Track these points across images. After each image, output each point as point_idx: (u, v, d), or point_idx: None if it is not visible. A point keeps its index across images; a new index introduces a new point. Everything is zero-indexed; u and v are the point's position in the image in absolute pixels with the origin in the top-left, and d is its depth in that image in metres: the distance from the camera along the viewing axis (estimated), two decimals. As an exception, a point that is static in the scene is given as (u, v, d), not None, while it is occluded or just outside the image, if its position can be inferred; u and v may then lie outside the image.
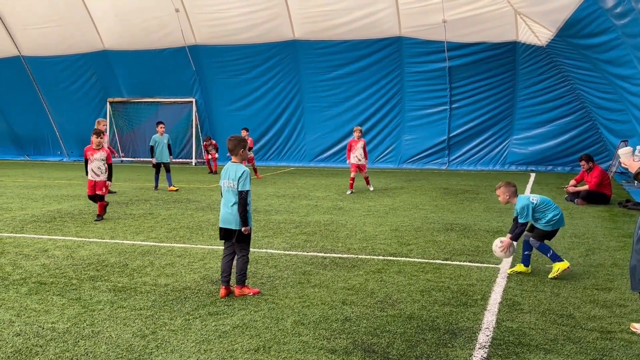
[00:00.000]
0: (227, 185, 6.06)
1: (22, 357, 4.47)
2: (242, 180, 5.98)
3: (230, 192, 6.04)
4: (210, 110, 23.57)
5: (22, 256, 7.73)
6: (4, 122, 26.00)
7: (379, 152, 22.09)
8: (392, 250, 8.15)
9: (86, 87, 24.45)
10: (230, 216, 6.03)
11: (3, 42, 23.84)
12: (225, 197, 6.11)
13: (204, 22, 21.54)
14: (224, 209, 6.09)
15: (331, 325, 5.19)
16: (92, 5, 22.03)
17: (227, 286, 6.05)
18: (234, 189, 6.01)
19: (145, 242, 8.63)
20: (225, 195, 6.10)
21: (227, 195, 6.08)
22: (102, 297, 5.97)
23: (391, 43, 20.68)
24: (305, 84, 22.12)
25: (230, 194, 6.04)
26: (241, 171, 6.00)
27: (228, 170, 6.09)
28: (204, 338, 4.88)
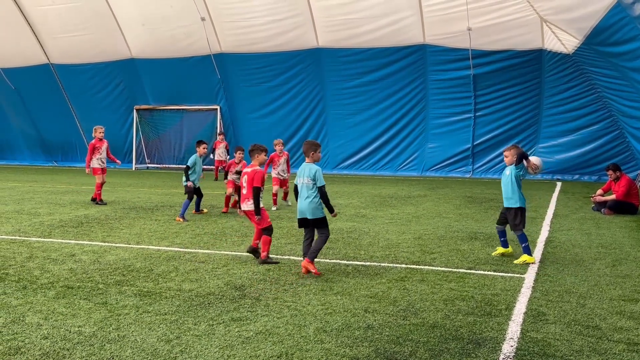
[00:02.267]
0: (302, 182, 7.21)
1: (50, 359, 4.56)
2: (318, 177, 7.13)
3: (305, 188, 7.18)
4: (234, 117, 23.78)
5: (49, 260, 7.87)
6: (33, 129, 26.56)
7: (402, 160, 22.04)
8: (415, 258, 8.12)
9: (113, 94, 24.88)
10: (305, 208, 7.18)
11: (33, 50, 24.40)
12: (301, 192, 7.25)
13: (230, 30, 21.79)
14: (300, 203, 7.25)
15: (353, 332, 5.19)
16: (120, 15, 22.45)
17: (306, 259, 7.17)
18: (308, 185, 7.15)
19: (170, 248, 8.73)
20: (302, 191, 7.24)
21: (302, 190, 7.23)
22: (128, 301, 6.06)
23: (415, 51, 20.66)
24: (329, 91, 22.20)
25: (305, 189, 7.18)
26: (315, 170, 7.16)
27: (303, 170, 7.23)
28: (228, 343, 4.92)
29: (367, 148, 22.30)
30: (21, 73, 25.22)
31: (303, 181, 7.20)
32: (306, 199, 7.16)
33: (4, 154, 27.59)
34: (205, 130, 24.14)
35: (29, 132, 26.73)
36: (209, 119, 24.13)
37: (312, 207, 7.15)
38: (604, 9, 14.84)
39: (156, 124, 24.83)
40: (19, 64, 25.01)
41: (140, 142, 25.10)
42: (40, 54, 24.53)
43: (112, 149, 26.80)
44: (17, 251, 8.41)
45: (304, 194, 7.18)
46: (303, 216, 7.24)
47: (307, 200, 7.15)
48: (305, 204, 7.17)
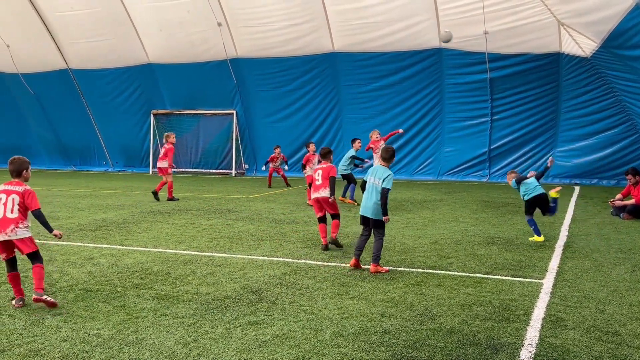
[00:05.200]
0: (372, 182, 7.59)
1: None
2: (388, 180, 7.49)
3: (373, 187, 7.56)
4: (250, 121, 23.87)
5: (68, 264, 7.97)
6: (52, 134, 26.88)
7: (418, 164, 21.95)
8: (431, 263, 8.09)
9: (131, 99, 25.11)
10: (369, 206, 7.57)
11: (52, 56, 24.72)
12: (368, 190, 7.61)
13: (246, 35, 21.90)
14: (365, 200, 7.63)
15: (370, 337, 5.19)
16: (138, 20, 22.67)
17: (358, 259, 7.65)
18: (377, 186, 7.51)
19: (187, 252, 8.78)
20: (369, 189, 7.61)
21: (370, 189, 7.59)
22: (146, 304, 6.11)
23: (431, 55, 20.60)
24: (344, 95, 22.21)
25: (372, 188, 7.56)
26: (387, 173, 7.55)
27: (377, 170, 7.65)
28: (245, 347, 4.94)
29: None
30: (40, 78, 25.55)
31: (373, 181, 7.60)
32: (368, 198, 7.60)
33: None
34: (221, 135, 24.26)
35: (48, 137, 27.05)
36: (224, 124, 24.25)
37: (377, 208, 7.52)
38: (622, 12, 14.67)
39: (173, 128, 24.94)
40: (38, 70, 25.34)
41: (157, 146, 25.27)
42: (59, 59, 24.84)
43: (129, 153, 27.04)
44: (37, 254, 8.52)
45: (372, 194, 7.56)
46: (365, 214, 7.65)
47: (372, 200, 7.55)
48: (371, 203, 7.56)
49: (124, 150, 26.06)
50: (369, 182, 7.66)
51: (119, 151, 26.13)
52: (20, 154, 15.96)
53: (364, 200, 7.67)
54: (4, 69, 25.91)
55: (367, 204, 7.62)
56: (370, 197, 7.57)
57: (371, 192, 7.58)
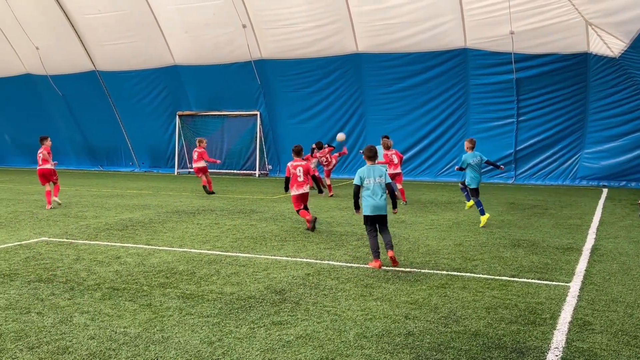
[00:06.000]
0: (377, 182, 7.90)
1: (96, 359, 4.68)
2: (386, 175, 7.98)
3: (378, 186, 7.89)
4: (274, 122, 23.98)
5: (96, 262, 8.09)
6: (80, 134, 27.34)
7: (442, 165, 21.81)
8: (456, 265, 8.03)
9: (157, 100, 25.41)
10: (381, 206, 7.87)
11: (80, 58, 25.15)
12: (374, 191, 7.89)
13: (270, 37, 22.01)
14: (375, 201, 7.86)
15: (394, 339, 5.17)
16: (164, 22, 22.94)
17: (379, 258, 7.88)
18: (381, 184, 7.89)
19: (212, 252, 8.85)
20: (374, 190, 7.89)
21: (376, 189, 7.89)
22: (172, 303, 6.17)
23: (456, 55, 20.46)
24: (368, 96, 22.17)
25: (378, 187, 7.89)
26: (383, 170, 8.06)
27: (373, 170, 7.98)
28: (269, 347, 4.96)
29: (407, 153, 22.13)
30: (68, 80, 26.02)
31: (378, 180, 7.91)
32: (381, 197, 7.90)
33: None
34: (245, 136, 24.41)
35: (76, 138, 27.51)
36: (248, 125, 24.40)
37: (386, 204, 7.98)
38: (652, 11, 14.41)
39: (198, 129, 25.22)
40: (66, 71, 25.81)
41: (183, 147, 25.54)
42: (86, 61, 25.26)
43: (155, 154, 27.35)
44: (64, 253, 8.68)
45: (378, 192, 7.88)
46: (379, 212, 7.90)
47: (382, 198, 7.90)
48: (382, 202, 7.90)
49: (149, 151, 26.39)
50: (371, 183, 7.89)
51: (145, 152, 26.46)
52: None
53: (374, 201, 7.84)
54: (33, 70, 26.44)
55: (378, 203, 7.86)
56: (378, 196, 7.86)
57: (377, 191, 7.86)
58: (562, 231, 10.82)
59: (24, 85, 26.96)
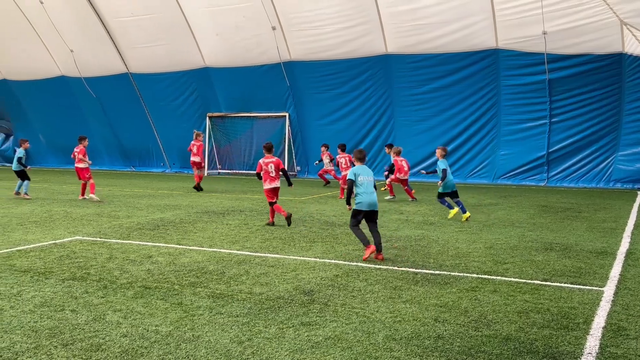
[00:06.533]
0: (369, 179, 8.47)
1: (128, 357, 4.76)
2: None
3: (371, 183, 8.46)
4: (302, 124, 24.05)
5: (128, 261, 8.23)
6: (113, 136, 27.83)
7: (472, 167, 21.57)
8: (486, 268, 7.94)
9: (188, 102, 25.72)
10: (374, 201, 8.43)
11: (114, 61, 25.61)
12: (367, 187, 8.42)
13: (299, 38, 22.09)
14: (370, 197, 8.38)
15: (423, 342, 5.13)
16: (195, 25, 23.22)
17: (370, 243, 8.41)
18: (373, 182, 8.49)
19: (241, 252, 8.92)
20: (368, 186, 8.43)
21: (369, 186, 8.44)
22: (202, 302, 6.24)
23: (487, 55, 20.23)
24: (397, 97, 22.07)
25: (371, 184, 8.45)
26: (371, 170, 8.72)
27: (366, 169, 8.59)
28: (297, 348, 4.98)
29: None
30: (102, 82, 26.51)
31: (369, 178, 8.46)
32: (374, 193, 8.44)
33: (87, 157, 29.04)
34: (274, 137, 24.52)
35: (109, 138, 28.01)
36: (277, 126, 24.51)
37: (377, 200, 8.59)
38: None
39: (227, 130, 25.46)
40: (100, 74, 26.30)
41: (213, 148, 25.80)
42: (119, 63, 25.70)
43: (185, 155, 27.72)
44: (98, 252, 8.85)
45: (371, 190, 8.44)
46: (374, 208, 8.43)
47: (375, 194, 8.46)
48: (375, 198, 8.45)
49: (180, 152, 26.69)
50: (365, 180, 8.43)
51: (175, 153, 26.78)
52: (83, 154, 16.19)
53: (369, 197, 8.37)
54: (67, 73, 27.01)
55: (373, 199, 8.42)
56: (372, 192, 8.42)
57: (370, 188, 8.44)
58: (596, 235, 10.61)
59: (59, 87, 27.56)
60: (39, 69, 27.35)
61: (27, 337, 5.17)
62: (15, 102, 29.21)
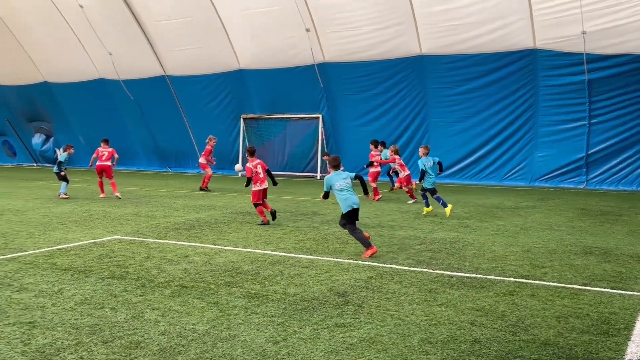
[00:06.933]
0: (344, 184, 9.04)
1: (167, 355, 4.84)
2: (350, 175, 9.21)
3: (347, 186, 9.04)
4: (335, 125, 24.07)
5: (165, 261, 8.36)
6: (150, 137, 28.33)
7: (509, 169, 21.26)
8: (524, 272, 7.81)
9: (223, 104, 26.01)
10: (357, 201, 8.99)
11: (151, 63, 26.09)
12: (345, 191, 8.97)
13: (333, 40, 22.13)
14: (350, 199, 8.90)
15: (460, 346, 5.08)
16: (231, 28, 23.48)
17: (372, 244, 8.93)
18: (349, 184, 9.09)
19: (275, 252, 8.98)
20: (345, 190, 8.98)
21: (346, 189, 8.99)
22: (237, 302, 6.31)
23: (524, 56, 19.91)
24: (432, 98, 21.90)
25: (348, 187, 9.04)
26: (346, 173, 9.29)
27: (339, 175, 9.16)
28: (333, 349, 4.98)
29: (471, 156, 21.74)
30: (139, 84, 27.02)
31: (343, 183, 9.08)
32: (353, 193, 9.07)
33: (123, 160, 29.56)
34: (307, 139, 24.61)
35: (146, 140, 28.53)
36: (310, 127, 24.59)
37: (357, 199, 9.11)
38: None
39: (261, 132, 25.66)
40: (137, 76, 26.82)
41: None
42: (157, 66, 26.16)
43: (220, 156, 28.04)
44: (136, 251, 9.02)
45: (351, 191, 9.07)
46: (357, 206, 9.01)
47: (354, 194, 9.10)
48: (355, 196, 9.07)
49: (215, 153, 26.89)
50: (340, 186, 8.99)
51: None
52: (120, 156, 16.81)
53: (350, 200, 8.91)
54: (106, 75, 27.61)
55: (354, 199, 8.95)
56: (351, 194, 8.98)
57: (348, 190, 9.00)
58: (637, 239, 10.33)
59: (97, 89, 28.19)
60: (78, 71, 28.05)
61: (68, 334, 5.30)
62: (56, 104, 30.00)
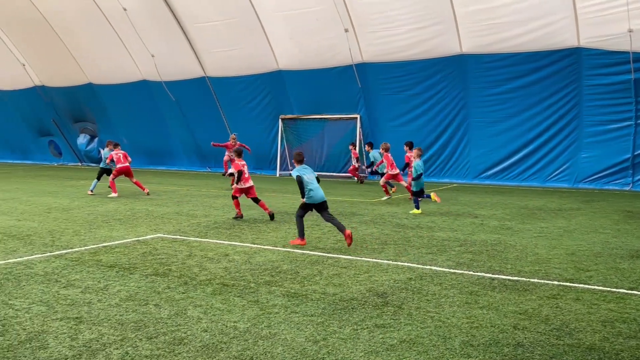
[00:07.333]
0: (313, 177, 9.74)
1: (209, 351, 4.92)
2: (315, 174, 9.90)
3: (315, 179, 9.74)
4: (373, 125, 23.99)
5: (206, 259, 8.50)
6: (190, 137, 28.78)
7: (552, 170, 20.79)
8: (568, 275, 7.64)
9: (261, 105, 26.22)
10: (323, 193, 9.72)
11: (192, 65, 26.50)
12: (314, 184, 9.66)
13: (372, 40, 22.06)
14: (318, 191, 9.64)
15: (502, 349, 5.01)
16: (270, 29, 23.66)
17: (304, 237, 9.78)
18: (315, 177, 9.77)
19: (314, 252, 9.01)
20: (313, 182, 9.67)
21: (315, 182, 9.69)
22: (277, 301, 6.36)
23: (568, 54, 19.45)
24: (472, 98, 21.60)
25: (315, 180, 9.73)
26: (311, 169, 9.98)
27: (307, 169, 9.88)
28: (372, 349, 4.98)
29: (513, 157, 21.35)
30: (180, 85, 27.47)
31: (312, 176, 9.75)
32: (319, 188, 9.69)
33: (165, 160, 30.21)
34: (344, 139, 24.59)
35: (187, 140, 28.98)
36: (348, 128, 24.56)
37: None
38: None
39: (299, 132, 25.76)
40: (178, 77, 27.26)
41: (285, 150, 26.17)
42: (197, 67, 26.55)
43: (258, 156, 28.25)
44: (178, 249, 9.18)
45: (317, 185, 9.69)
46: (324, 199, 9.70)
47: (320, 189, 9.71)
48: (321, 191, 9.72)
49: (253, 154, 27.22)
50: (309, 179, 9.63)
51: (249, 154, 27.34)
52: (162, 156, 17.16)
53: (318, 192, 9.61)
54: (149, 77, 28.17)
55: (321, 193, 9.66)
56: (318, 188, 9.66)
57: (316, 183, 9.68)
58: (688, 243, 9.98)
59: (140, 90, 28.79)
60: (122, 73, 28.69)
61: (114, 329, 5.44)
62: (100, 105, 30.76)
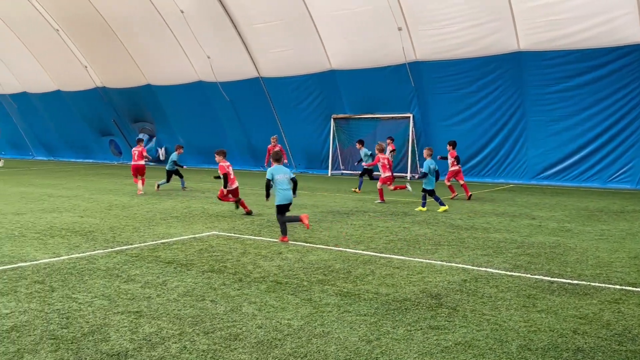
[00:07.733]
0: (285, 177, 9.90)
1: (264, 348, 4.99)
2: (290, 172, 10.09)
3: (287, 180, 9.88)
4: (427, 125, 23.71)
5: (260, 257, 8.61)
6: (244, 137, 29.22)
7: (613, 171, 20.04)
8: (631, 279, 7.36)
9: (313, 104, 26.35)
10: (290, 196, 9.89)
11: (246, 65, 26.89)
12: (284, 185, 9.84)
13: (425, 38, 21.81)
14: (286, 192, 9.82)
15: (561, 354, 4.87)
16: (322, 29, 23.74)
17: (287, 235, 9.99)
18: (288, 179, 9.91)
19: (366, 252, 9.00)
20: (284, 183, 9.85)
21: (285, 183, 9.86)
22: (330, 300, 6.39)
23: (632, 51, 18.69)
24: (529, 96, 21.06)
25: (287, 181, 9.88)
26: (288, 169, 10.20)
27: (281, 169, 10.01)
28: (427, 351, 4.93)
29: (572, 157, 20.70)
30: (235, 86, 27.93)
31: (285, 177, 9.90)
32: (289, 189, 9.87)
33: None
34: (397, 138, 24.41)
35: (240, 140, 29.44)
36: (401, 127, 24.37)
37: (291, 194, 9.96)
38: None
39: (351, 132, 25.73)
40: (233, 78, 27.73)
41: (337, 149, 26.21)
42: (252, 68, 26.93)
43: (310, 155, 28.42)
44: (233, 247, 9.35)
45: (287, 186, 9.86)
46: (290, 201, 9.92)
47: (289, 190, 9.87)
48: (289, 193, 9.87)
49: (305, 153, 27.43)
50: (280, 179, 9.81)
51: (301, 154, 27.56)
52: (217, 154, 17.20)
53: (286, 193, 9.79)
54: (205, 78, 28.76)
55: (288, 195, 9.84)
56: (288, 189, 9.83)
57: (286, 184, 9.83)
58: None
59: (196, 91, 29.43)
60: (179, 74, 29.39)
61: (172, 323, 5.59)
62: (158, 106, 31.62)
